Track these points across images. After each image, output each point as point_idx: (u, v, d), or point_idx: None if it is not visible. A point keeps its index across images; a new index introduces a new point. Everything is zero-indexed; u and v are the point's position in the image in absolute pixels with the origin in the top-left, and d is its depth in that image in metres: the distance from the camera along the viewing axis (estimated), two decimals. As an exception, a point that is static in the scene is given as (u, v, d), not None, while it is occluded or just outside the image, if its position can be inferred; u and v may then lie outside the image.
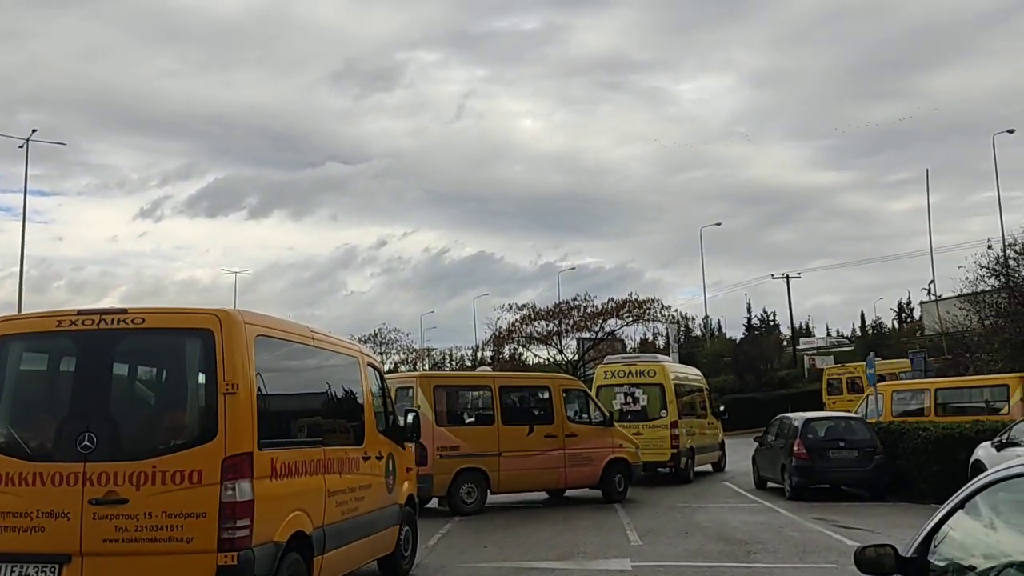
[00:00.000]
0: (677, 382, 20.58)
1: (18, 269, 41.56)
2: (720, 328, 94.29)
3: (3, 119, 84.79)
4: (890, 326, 77.28)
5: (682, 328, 64.35)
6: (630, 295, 49.06)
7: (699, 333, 74.76)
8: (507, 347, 52.41)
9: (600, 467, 16.21)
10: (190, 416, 6.36)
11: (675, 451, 19.38)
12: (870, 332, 77.36)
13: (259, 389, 6.39)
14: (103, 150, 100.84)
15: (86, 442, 6.01)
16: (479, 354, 64.87)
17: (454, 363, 72.37)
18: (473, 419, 15.75)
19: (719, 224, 60.60)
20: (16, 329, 6.65)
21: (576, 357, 47.34)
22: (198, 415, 6.26)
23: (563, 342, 48.44)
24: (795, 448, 16.29)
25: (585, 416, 16.58)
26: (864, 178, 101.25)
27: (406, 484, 9.75)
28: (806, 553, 10.65)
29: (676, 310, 54.69)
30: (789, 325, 73.36)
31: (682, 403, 20.42)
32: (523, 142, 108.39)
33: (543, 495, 17.12)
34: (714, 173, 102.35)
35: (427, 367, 59.95)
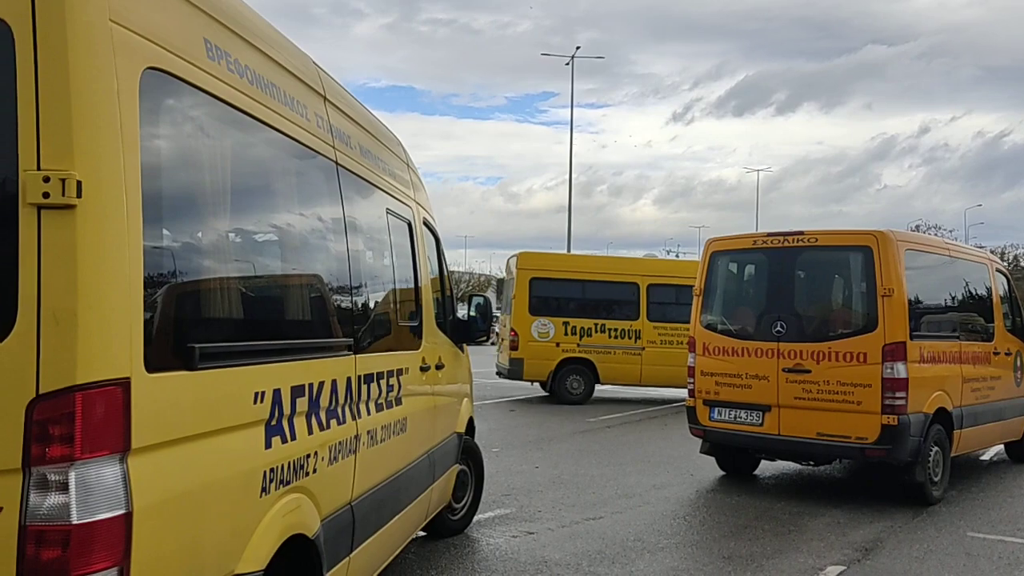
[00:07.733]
0: None
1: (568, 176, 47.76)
2: None
3: (563, 39, 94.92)
4: None
5: None
6: None
7: None
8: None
9: None
10: (855, 312, 8.37)
11: None
12: None
13: (908, 292, 8.00)
14: (645, 60, 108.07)
15: (778, 328, 8.45)
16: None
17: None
18: None
19: None
20: (724, 247, 9.26)
21: None
22: (862, 311, 8.20)
23: None
24: None
25: None
26: None
27: (1035, 380, 10.56)
28: None
29: None
30: None
31: None
32: None
33: None
34: None
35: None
